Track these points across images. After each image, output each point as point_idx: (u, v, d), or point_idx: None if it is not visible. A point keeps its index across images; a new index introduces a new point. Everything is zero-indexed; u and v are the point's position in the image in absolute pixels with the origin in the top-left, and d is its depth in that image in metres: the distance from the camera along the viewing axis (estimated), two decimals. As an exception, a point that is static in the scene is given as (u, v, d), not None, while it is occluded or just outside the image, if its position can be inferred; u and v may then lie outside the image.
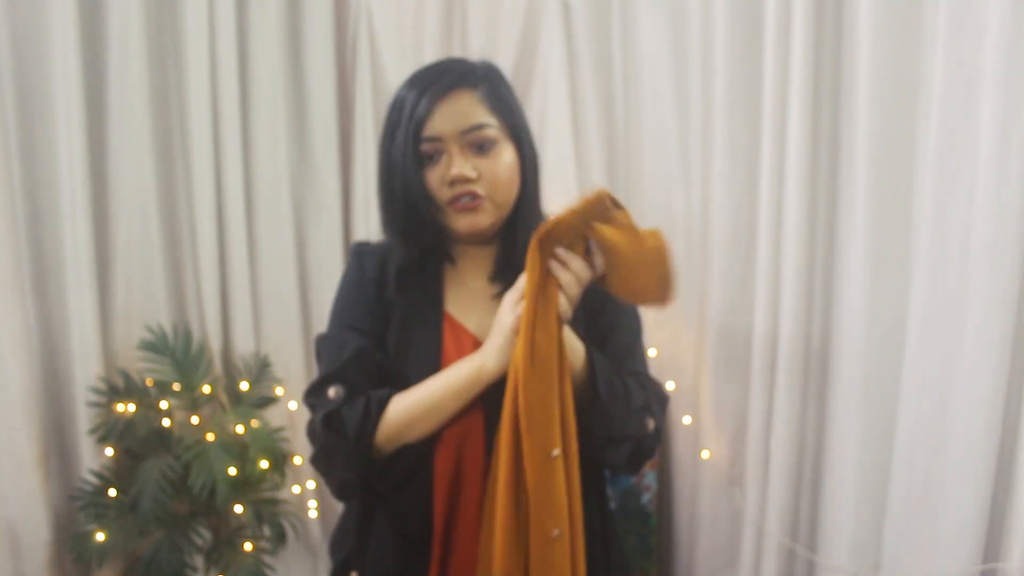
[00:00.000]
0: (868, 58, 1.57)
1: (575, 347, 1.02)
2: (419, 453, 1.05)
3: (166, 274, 2.15)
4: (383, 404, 1.03)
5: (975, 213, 1.43)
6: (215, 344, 2.18)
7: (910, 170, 1.58)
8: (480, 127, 1.01)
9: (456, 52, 2.25)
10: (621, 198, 2.17)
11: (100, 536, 1.93)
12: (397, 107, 1.03)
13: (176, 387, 2.05)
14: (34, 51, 1.93)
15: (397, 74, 2.25)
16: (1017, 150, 1.37)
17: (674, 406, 2.02)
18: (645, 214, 2.10)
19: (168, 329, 2.08)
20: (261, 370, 2.18)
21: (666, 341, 2.07)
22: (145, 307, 2.12)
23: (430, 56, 2.22)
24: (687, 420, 2.04)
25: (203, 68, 2.08)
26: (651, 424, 1.08)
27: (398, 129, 1.02)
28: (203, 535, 2.09)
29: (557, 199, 2.04)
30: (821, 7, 1.67)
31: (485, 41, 2.19)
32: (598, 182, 2.12)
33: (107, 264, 2.09)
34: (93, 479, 2.01)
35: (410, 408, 1.02)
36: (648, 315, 1.33)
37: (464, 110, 1.01)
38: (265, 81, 2.19)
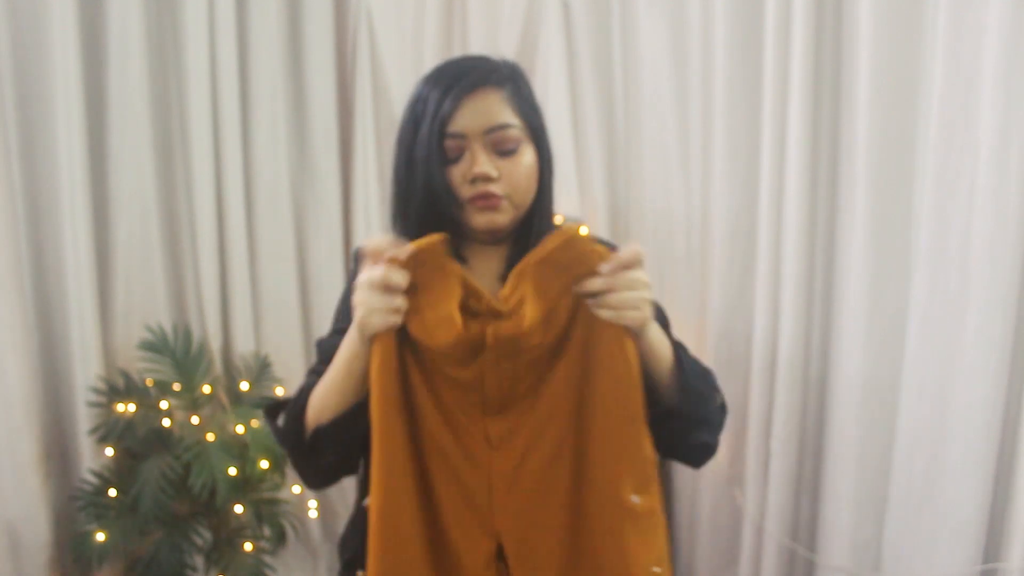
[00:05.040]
0: (868, 58, 1.57)
1: (662, 340, 0.99)
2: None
3: (166, 274, 2.15)
4: (312, 387, 1.02)
5: (975, 213, 1.43)
6: (215, 344, 2.18)
7: (910, 170, 1.58)
8: (504, 127, 1.01)
9: (456, 52, 2.24)
10: (621, 198, 2.19)
11: (100, 536, 1.93)
12: (420, 102, 1.03)
13: (176, 387, 2.05)
14: (34, 51, 1.93)
15: (397, 74, 2.26)
16: (1017, 150, 1.37)
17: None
18: (645, 214, 2.10)
19: (168, 329, 2.08)
20: (261, 370, 2.18)
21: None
22: (145, 307, 2.12)
23: (430, 56, 2.22)
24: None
25: (203, 68, 2.08)
26: (719, 397, 1.08)
27: (421, 124, 1.01)
28: (203, 535, 2.09)
29: (557, 199, 2.05)
30: (821, 7, 1.67)
31: (485, 41, 2.19)
32: (598, 182, 2.12)
33: (107, 264, 2.09)
34: (93, 479, 2.01)
35: (320, 386, 1.01)
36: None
37: (490, 109, 1.01)
38: (265, 81, 2.19)
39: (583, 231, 1.19)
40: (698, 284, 2.01)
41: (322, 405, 1.00)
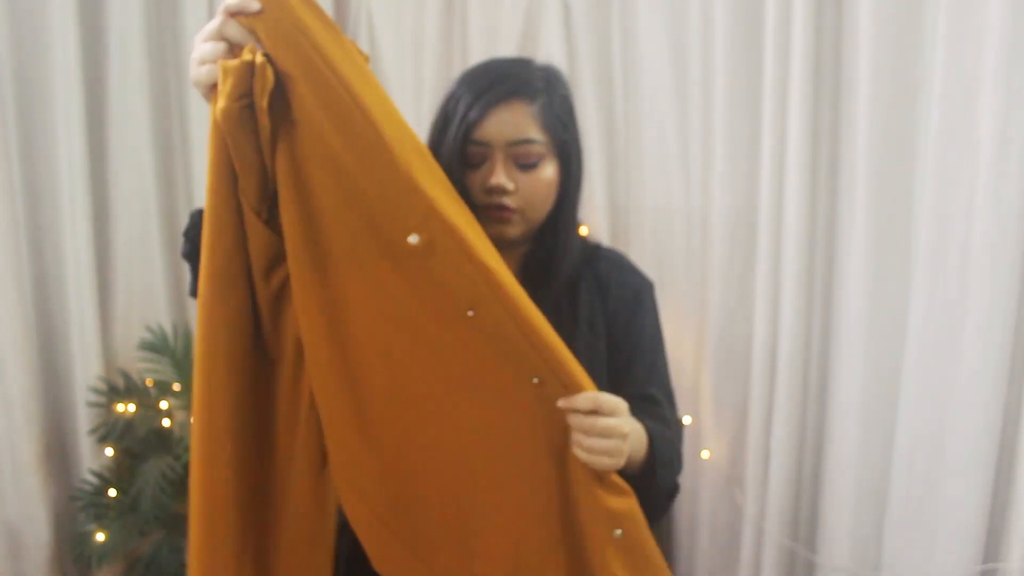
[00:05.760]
0: (868, 58, 1.57)
1: (638, 434, 0.98)
2: None
3: (166, 274, 2.15)
4: None
5: (975, 213, 1.43)
6: (215, 344, 2.17)
7: (910, 170, 1.58)
8: (527, 142, 1.01)
9: (456, 52, 2.24)
10: (621, 198, 2.18)
11: (100, 536, 1.94)
12: (453, 101, 1.04)
13: (176, 387, 2.05)
14: (34, 51, 1.93)
15: (397, 74, 2.25)
16: (1017, 150, 1.37)
17: (674, 406, 2.03)
18: (645, 214, 2.10)
19: (168, 329, 2.08)
20: (261, 370, 2.18)
21: (666, 342, 2.07)
22: (145, 307, 2.12)
23: (430, 56, 2.22)
24: (687, 420, 2.04)
25: (203, 68, 2.07)
26: (680, 442, 1.11)
27: (450, 125, 1.02)
28: (203, 535, 2.09)
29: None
30: (821, 7, 1.67)
31: (485, 41, 2.19)
32: (598, 182, 2.12)
33: (107, 264, 2.09)
34: (93, 479, 2.01)
35: None
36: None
37: (516, 122, 1.01)
38: (265, 81, 2.18)
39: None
40: (698, 284, 2.01)
41: None
